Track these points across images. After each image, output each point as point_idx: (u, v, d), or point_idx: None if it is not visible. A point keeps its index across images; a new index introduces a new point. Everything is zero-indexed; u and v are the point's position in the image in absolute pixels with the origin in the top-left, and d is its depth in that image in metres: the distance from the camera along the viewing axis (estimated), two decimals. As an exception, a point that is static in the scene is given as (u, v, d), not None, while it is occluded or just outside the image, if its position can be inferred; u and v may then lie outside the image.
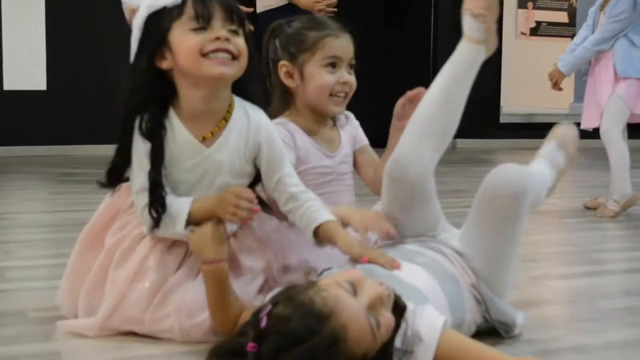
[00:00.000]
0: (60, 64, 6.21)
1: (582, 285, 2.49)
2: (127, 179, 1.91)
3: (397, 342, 1.51)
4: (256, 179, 1.98)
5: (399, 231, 1.95)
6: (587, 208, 4.03)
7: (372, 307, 1.46)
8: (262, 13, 4.42)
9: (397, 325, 1.52)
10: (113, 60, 4.75)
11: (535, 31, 9.42)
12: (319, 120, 2.20)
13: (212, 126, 1.87)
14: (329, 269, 1.80)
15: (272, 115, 2.08)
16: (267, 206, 2.03)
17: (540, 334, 1.96)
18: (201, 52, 1.78)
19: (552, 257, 2.98)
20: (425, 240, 1.94)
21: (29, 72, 6.15)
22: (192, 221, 1.83)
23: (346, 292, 1.46)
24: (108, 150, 1.91)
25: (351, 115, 2.32)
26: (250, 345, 1.36)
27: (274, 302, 1.44)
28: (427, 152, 1.89)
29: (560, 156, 2.27)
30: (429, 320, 1.55)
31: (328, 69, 2.14)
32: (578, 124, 4.05)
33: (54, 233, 3.25)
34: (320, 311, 1.38)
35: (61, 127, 6.33)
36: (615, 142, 3.83)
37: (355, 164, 2.29)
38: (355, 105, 2.27)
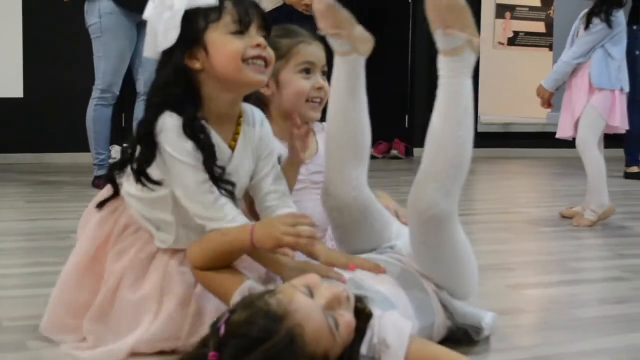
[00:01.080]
0: (38, 72, 6.16)
1: (558, 294, 2.51)
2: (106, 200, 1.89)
3: (363, 349, 1.52)
4: None
5: (352, 251, 1.96)
6: (564, 217, 4.05)
7: (330, 307, 1.47)
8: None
9: (363, 332, 1.52)
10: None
11: (512, 41, 9.49)
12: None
13: (232, 129, 1.87)
14: None
15: None
16: None
17: (514, 343, 1.97)
18: (243, 57, 1.77)
19: (528, 266, 3.00)
20: (384, 251, 1.96)
21: (6, 80, 6.10)
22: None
23: (302, 294, 1.47)
24: (85, 159, 1.90)
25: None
26: (212, 355, 1.38)
27: (232, 310, 1.46)
28: (352, 172, 1.92)
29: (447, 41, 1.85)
30: (396, 327, 1.55)
31: (303, 75, 2.16)
32: (555, 134, 4.11)
33: (29, 242, 3.23)
34: (276, 312, 1.41)
35: (37, 135, 6.29)
36: (591, 152, 3.85)
37: None
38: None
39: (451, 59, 1.79)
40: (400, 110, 7.69)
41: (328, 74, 2.18)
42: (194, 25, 1.77)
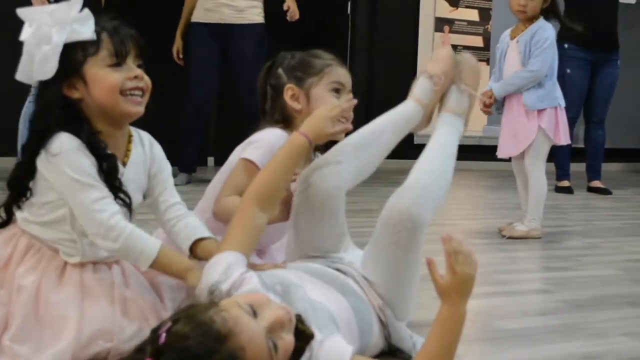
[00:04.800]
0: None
1: (482, 306, 2.55)
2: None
3: None
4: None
5: (304, 247, 2.00)
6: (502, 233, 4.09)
7: (272, 330, 1.48)
8: None
9: (301, 352, 1.53)
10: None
11: (451, 54, 9.60)
12: (314, 148, 2.23)
13: (122, 146, 1.94)
14: None
15: None
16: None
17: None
18: (120, 89, 1.84)
19: (456, 278, 3.03)
20: (333, 261, 1.97)
21: None
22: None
23: (246, 313, 1.47)
24: (7, 163, 1.89)
25: None
26: None
27: (174, 319, 1.45)
28: (348, 171, 2.00)
29: (461, 100, 2.24)
30: (335, 353, 1.55)
31: (333, 93, 2.27)
32: (494, 148, 4.14)
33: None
34: (219, 331, 1.40)
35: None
36: (540, 174, 3.92)
37: None
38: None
39: (455, 117, 2.14)
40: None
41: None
42: (71, 57, 1.81)
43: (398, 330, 1.90)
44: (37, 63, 1.79)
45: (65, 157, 1.78)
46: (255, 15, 5.46)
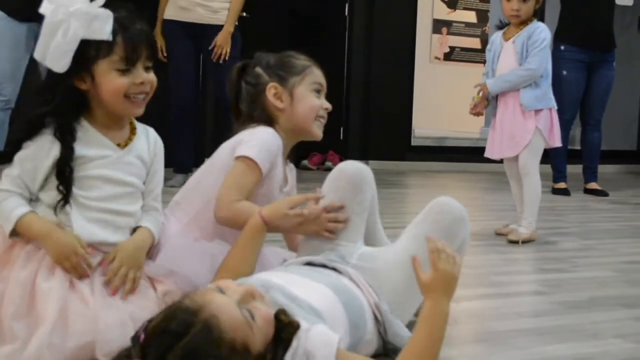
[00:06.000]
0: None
1: (477, 307, 2.56)
2: None
3: (288, 358, 1.54)
4: None
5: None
6: (499, 234, 4.09)
7: (243, 301, 1.53)
8: None
9: (288, 342, 1.54)
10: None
11: (448, 56, 9.63)
12: (290, 149, 2.35)
13: (124, 134, 2.03)
14: None
15: None
16: None
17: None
18: (125, 93, 1.92)
19: (451, 279, 3.04)
20: (332, 260, 2.01)
21: None
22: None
23: (213, 291, 1.54)
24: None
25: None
26: None
27: (149, 320, 1.50)
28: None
29: None
30: (323, 339, 1.57)
31: (314, 93, 2.30)
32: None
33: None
34: (189, 306, 1.46)
35: None
36: (535, 176, 3.90)
37: None
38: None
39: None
40: (335, 123, 7.71)
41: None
42: (84, 54, 1.87)
43: (394, 326, 1.90)
44: (52, 51, 1.85)
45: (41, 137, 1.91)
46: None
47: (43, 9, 1.87)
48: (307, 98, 2.29)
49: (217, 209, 2.15)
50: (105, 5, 1.88)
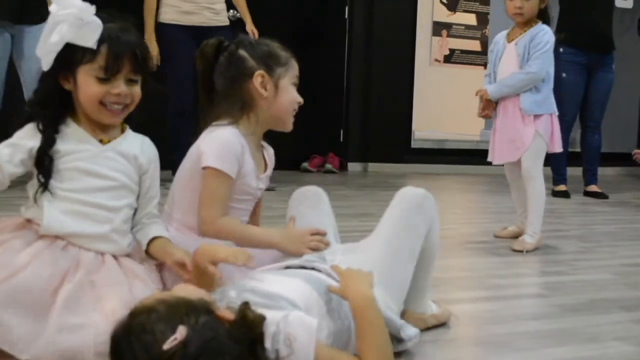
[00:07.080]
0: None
1: (476, 310, 2.56)
2: None
3: (267, 344, 1.54)
4: None
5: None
6: (497, 237, 4.08)
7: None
8: None
9: (260, 335, 1.54)
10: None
11: (448, 59, 9.65)
12: (262, 137, 2.35)
13: (110, 136, 2.05)
14: None
15: (214, 119, 2.26)
16: None
17: (425, 358, 2.00)
18: (101, 101, 1.96)
19: (450, 282, 3.04)
20: (311, 261, 2.01)
21: None
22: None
23: None
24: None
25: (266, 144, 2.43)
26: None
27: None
28: None
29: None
30: (301, 322, 1.59)
31: (293, 87, 2.32)
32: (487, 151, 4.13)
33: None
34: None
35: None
36: (539, 181, 3.86)
37: None
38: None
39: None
40: (335, 125, 7.74)
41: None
42: (70, 56, 1.93)
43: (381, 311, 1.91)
44: (43, 49, 1.92)
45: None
46: (226, 17, 5.50)
47: (51, 8, 1.93)
48: (289, 90, 2.30)
49: (201, 229, 2.19)
50: (102, 14, 1.94)
